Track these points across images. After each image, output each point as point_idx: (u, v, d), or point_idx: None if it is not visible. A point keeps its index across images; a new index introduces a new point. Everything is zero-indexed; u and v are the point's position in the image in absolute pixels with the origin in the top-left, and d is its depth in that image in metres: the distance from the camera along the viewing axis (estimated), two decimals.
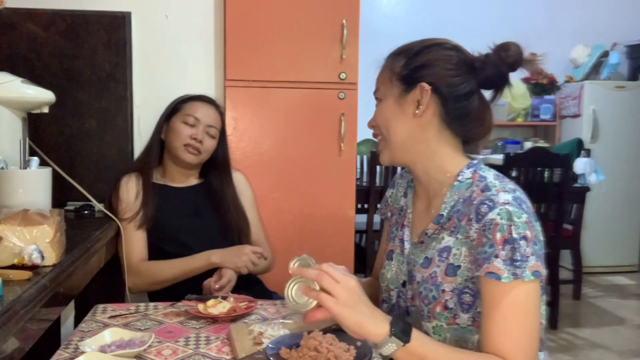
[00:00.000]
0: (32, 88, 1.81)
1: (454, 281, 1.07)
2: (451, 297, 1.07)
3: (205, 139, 1.86)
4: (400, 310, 1.19)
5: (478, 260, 1.02)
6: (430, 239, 1.15)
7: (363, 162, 4.17)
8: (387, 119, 1.15)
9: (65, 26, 2.14)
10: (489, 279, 1.00)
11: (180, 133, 1.84)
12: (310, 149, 2.35)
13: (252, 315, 1.35)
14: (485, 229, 1.02)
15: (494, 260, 0.99)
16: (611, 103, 4.74)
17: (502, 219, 1.00)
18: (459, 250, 1.08)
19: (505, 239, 0.99)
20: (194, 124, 1.85)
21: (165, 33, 2.34)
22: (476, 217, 1.04)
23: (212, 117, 1.89)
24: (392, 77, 1.15)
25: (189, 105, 1.89)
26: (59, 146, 2.13)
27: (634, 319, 3.72)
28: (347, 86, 2.35)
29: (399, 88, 1.14)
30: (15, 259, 1.25)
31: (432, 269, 1.11)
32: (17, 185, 1.59)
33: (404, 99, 1.13)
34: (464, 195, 1.10)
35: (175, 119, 1.88)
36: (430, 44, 1.15)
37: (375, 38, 4.65)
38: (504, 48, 1.09)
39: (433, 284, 1.10)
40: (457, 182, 1.13)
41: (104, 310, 1.39)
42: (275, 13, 2.29)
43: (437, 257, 1.11)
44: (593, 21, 5.08)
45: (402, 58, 1.15)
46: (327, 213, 2.38)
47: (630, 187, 4.79)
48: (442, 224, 1.12)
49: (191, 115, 1.85)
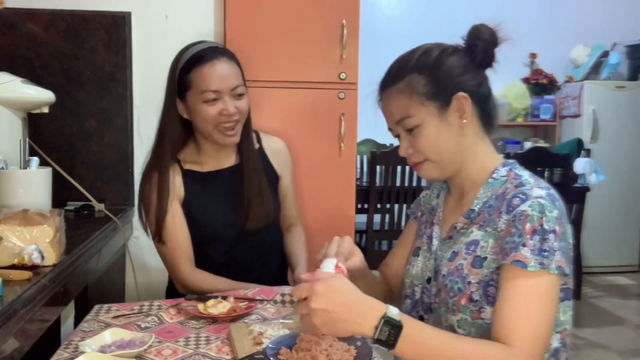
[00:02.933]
0: (32, 88, 1.81)
1: (480, 273, 1.06)
2: (477, 289, 1.06)
3: (236, 104, 1.55)
4: (423, 307, 1.19)
5: (505, 250, 1.02)
6: (459, 233, 1.14)
7: (363, 162, 4.18)
8: (435, 141, 1.12)
9: (65, 26, 2.14)
10: (514, 267, 0.99)
11: (207, 116, 1.53)
12: (310, 149, 2.35)
13: (252, 315, 1.35)
14: (515, 220, 1.02)
15: (522, 249, 0.99)
16: (611, 103, 4.75)
17: (533, 210, 1.01)
18: (487, 243, 1.07)
19: (535, 229, 1.00)
20: (216, 98, 1.52)
21: (165, 33, 2.33)
22: (507, 209, 1.05)
23: (231, 75, 1.55)
24: (421, 99, 1.11)
25: (198, 75, 1.53)
26: (59, 146, 2.13)
27: (634, 319, 3.72)
28: (347, 86, 2.35)
29: (436, 106, 1.11)
30: (15, 259, 1.25)
31: (459, 261, 1.10)
32: (17, 185, 1.59)
33: (445, 114, 1.11)
34: (497, 192, 1.10)
35: (191, 98, 1.55)
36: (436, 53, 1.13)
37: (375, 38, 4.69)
38: (479, 30, 1.14)
39: (459, 276, 1.09)
40: (491, 179, 1.13)
41: (105, 310, 1.39)
42: (275, 13, 2.29)
43: (464, 250, 1.10)
44: (593, 21, 5.08)
45: (419, 77, 1.11)
46: (327, 213, 2.38)
47: (630, 187, 4.79)
48: (472, 218, 1.12)
49: (208, 90, 1.51)
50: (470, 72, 1.13)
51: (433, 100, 1.11)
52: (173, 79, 1.58)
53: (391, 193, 3.40)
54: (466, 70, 1.13)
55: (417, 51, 1.15)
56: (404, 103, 1.12)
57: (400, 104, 1.13)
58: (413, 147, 1.14)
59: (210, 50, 1.56)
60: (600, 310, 3.86)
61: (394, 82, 1.14)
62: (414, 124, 1.12)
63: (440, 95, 1.11)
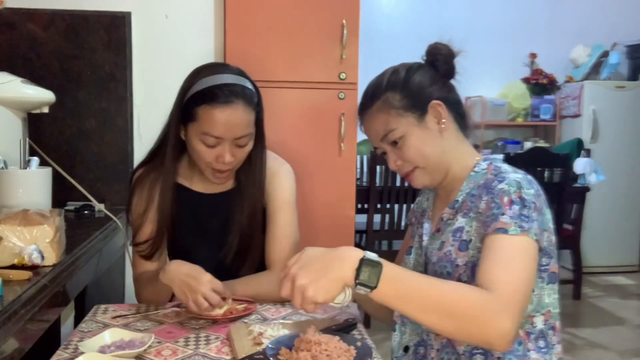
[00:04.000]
0: (32, 88, 1.81)
1: (466, 255, 1.12)
2: (464, 271, 1.12)
3: (235, 152, 1.41)
4: None
5: (486, 222, 1.08)
6: (445, 224, 1.21)
7: (363, 162, 4.17)
8: (420, 149, 1.19)
9: (65, 26, 2.14)
10: (497, 235, 1.04)
11: (201, 155, 1.41)
12: (310, 149, 2.35)
13: (252, 315, 1.35)
14: (494, 197, 1.09)
15: (501, 217, 1.05)
16: (611, 103, 4.74)
17: (510, 186, 1.08)
18: (471, 227, 1.14)
19: (512, 200, 1.07)
20: (215, 145, 1.39)
21: (165, 33, 2.34)
22: (486, 191, 1.12)
23: (240, 125, 1.39)
24: (400, 112, 1.19)
25: (205, 114, 1.37)
26: (59, 146, 2.13)
27: (634, 319, 3.72)
28: (347, 86, 2.35)
29: (414, 116, 1.20)
30: (15, 259, 1.25)
31: (447, 248, 1.16)
32: (17, 185, 1.59)
33: (424, 122, 1.20)
34: (479, 183, 1.17)
35: (191, 130, 1.41)
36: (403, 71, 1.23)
37: (375, 38, 4.70)
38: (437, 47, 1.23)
39: (447, 260, 1.15)
40: (472, 173, 1.20)
41: (104, 310, 1.39)
42: (275, 13, 2.29)
43: (451, 238, 1.17)
44: (593, 21, 5.08)
45: (393, 94, 1.20)
46: (327, 213, 2.38)
47: (630, 187, 4.79)
48: (456, 208, 1.19)
49: (209, 134, 1.37)
50: (437, 83, 1.22)
51: (410, 111, 1.19)
52: (181, 100, 1.44)
53: (391, 193, 3.40)
54: (434, 81, 1.22)
55: (385, 74, 1.24)
56: (384, 119, 1.21)
57: (381, 120, 1.21)
58: (401, 158, 1.22)
59: (228, 92, 1.37)
60: (600, 310, 3.86)
61: (372, 103, 1.23)
62: (398, 136, 1.19)
63: (416, 106, 1.19)
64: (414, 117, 1.19)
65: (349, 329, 1.24)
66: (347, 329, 1.23)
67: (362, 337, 1.18)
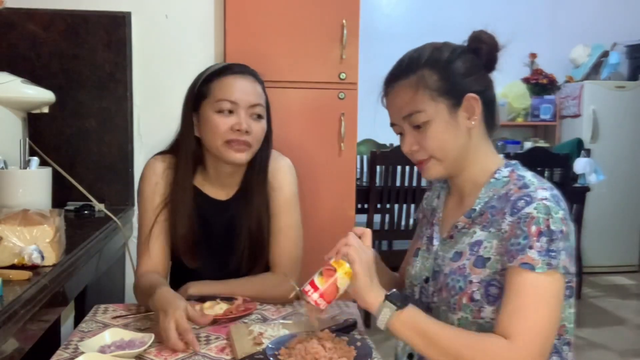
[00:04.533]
0: (32, 88, 1.81)
1: (482, 273, 1.07)
2: (478, 289, 1.06)
3: (251, 124, 1.40)
4: (422, 307, 1.16)
5: (511, 252, 1.01)
6: (460, 233, 1.14)
7: (363, 162, 4.17)
8: (443, 140, 1.10)
9: (65, 26, 2.14)
10: (522, 270, 0.99)
11: (217, 127, 1.38)
12: (310, 149, 2.35)
13: (252, 315, 1.35)
14: (520, 222, 1.02)
15: (529, 251, 0.99)
16: (611, 103, 4.74)
17: (539, 212, 1.01)
18: (490, 243, 1.07)
19: (541, 231, 1.00)
20: (232, 110, 1.39)
21: (165, 33, 2.33)
22: (511, 211, 1.04)
23: (253, 93, 1.42)
24: (433, 95, 1.09)
25: (218, 84, 1.41)
26: (59, 146, 2.13)
27: (634, 319, 3.72)
28: (347, 86, 2.35)
29: (447, 103, 1.09)
30: (15, 259, 1.25)
31: (462, 261, 1.10)
32: (17, 185, 1.59)
33: (456, 113, 1.10)
34: (500, 192, 1.10)
35: (205, 107, 1.41)
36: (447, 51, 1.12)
37: (375, 38, 4.69)
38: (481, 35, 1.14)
39: (461, 275, 1.09)
40: (493, 180, 1.13)
41: (104, 310, 1.39)
42: (275, 13, 2.29)
43: (468, 251, 1.10)
44: (593, 21, 5.08)
45: (431, 73, 1.10)
46: (327, 213, 2.38)
47: (630, 187, 4.79)
48: (473, 218, 1.12)
49: (225, 99, 1.38)
50: (478, 74, 1.13)
51: (444, 97, 1.09)
52: (192, 91, 1.46)
53: (391, 193, 3.39)
54: (475, 71, 1.13)
55: (426, 48, 1.14)
56: (413, 97, 1.10)
57: (410, 97, 1.10)
58: (419, 143, 1.12)
59: (239, 66, 1.46)
60: (600, 310, 3.86)
61: (405, 75, 1.12)
62: (423, 120, 1.09)
63: (451, 93, 1.09)
64: (445, 105, 1.09)
65: (349, 329, 1.24)
66: (347, 329, 1.23)
67: (362, 337, 1.18)
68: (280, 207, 1.50)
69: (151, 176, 1.49)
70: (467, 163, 1.14)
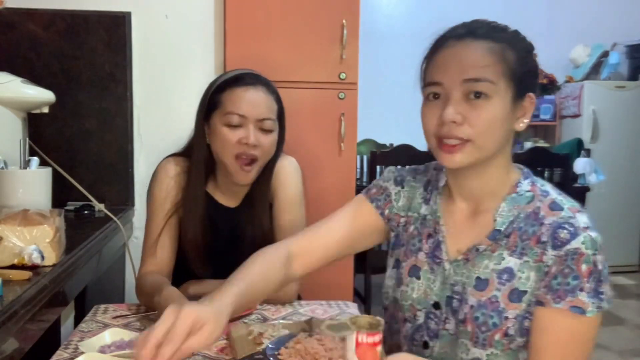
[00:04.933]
0: (32, 88, 1.81)
1: (518, 307, 0.98)
2: (513, 324, 0.98)
3: (260, 138, 1.40)
4: (429, 332, 1.07)
5: (558, 292, 0.94)
6: (481, 255, 1.02)
7: (363, 162, 4.17)
8: (494, 123, 0.96)
9: (65, 26, 2.14)
10: (571, 314, 0.93)
11: (225, 140, 1.39)
12: (310, 149, 2.35)
13: (252, 315, 1.35)
14: (567, 258, 0.94)
15: (579, 293, 0.93)
16: (611, 103, 4.75)
17: (587, 248, 0.93)
18: (524, 274, 0.98)
19: (591, 270, 0.93)
20: (240, 124, 1.39)
21: (165, 33, 2.34)
22: (552, 242, 0.95)
23: (264, 106, 1.42)
24: (507, 74, 0.96)
25: (228, 96, 1.40)
26: (59, 146, 2.13)
27: (633, 319, 3.72)
28: (347, 86, 2.35)
29: (512, 91, 0.97)
30: (15, 259, 1.25)
31: (491, 292, 0.99)
32: (17, 185, 1.59)
33: (515, 106, 0.98)
34: (525, 211, 1.01)
35: (215, 118, 1.42)
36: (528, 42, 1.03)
37: (375, 38, 4.69)
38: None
39: (494, 310, 0.99)
40: (514, 194, 1.02)
41: (104, 310, 1.38)
42: (275, 13, 2.29)
43: (496, 279, 1.00)
44: (593, 21, 5.08)
45: (511, 52, 0.97)
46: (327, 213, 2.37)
47: (630, 187, 4.79)
48: (497, 240, 1.01)
49: (233, 112, 1.38)
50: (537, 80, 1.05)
51: (515, 83, 0.97)
52: (204, 100, 1.46)
53: None
54: (537, 76, 1.05)
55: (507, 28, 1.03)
56: (490, 64, 0.95)
57: (485, 62, 0.95)
58: (465, 117, 0.95)
59: (252, 76, 1.44)
60: None
61: (485, 37, 0.98)
62: (487, 91, 0.95)
63: (521, 84, 0.98)
64: (512, 92, 0.97)
65: None
66: None
67: None
68: (284, 205, 1.51)
69: (164, 179, 1.48)
70: (493, 165, 1.02)
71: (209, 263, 1.48)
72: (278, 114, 1.47)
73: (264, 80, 1.45)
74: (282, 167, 1.53)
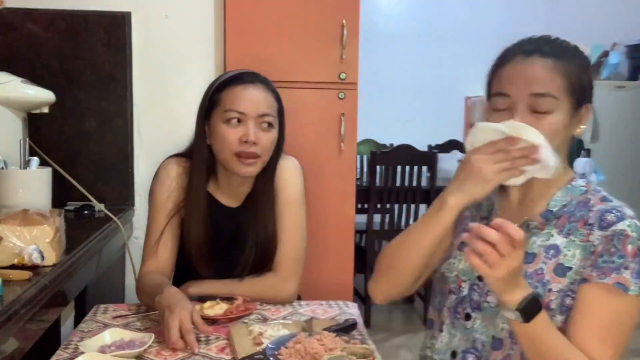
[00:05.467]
0: (32, 88, 1.81)
1: (561, 282, 1.04)
2: (555, 298, 1.04)
3: (260, 135, 1.41)
4: (472, 304, 1.13)
5: (603, 269, 1.00)
6: (531, 232, 1.09)
7: (363, 162, 4.17)
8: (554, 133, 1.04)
9: (65, 26, 2.14)
10: (615, 288, 0.99)
11: (225, 138, 1.39)
12: (310, 149, 2.35)
13: (252, 315, 1.35)
14: (613, 238, 1.01)
15: (624, 271, 0.99)
16: (611, 103, 4.74)
17: (633, 231, 1.00)
18: (571, 252, 1.05)
19: (636, 252, 0.99)
20: (240, 120, 1.40)
21: (165, 33, 2.33)
22: (599, 223, 1.03)
23: (263, 103, 1.43)
24: (568, 89, 1.06)
25: (227, 94, 1.42)
26: (59, 146, 2.13)
27: None
28: (347, 86, 2.35)
29: (571, 103, 1.07)
30: (15, 259, 1.25)
31: (538, 264, 1.06)
32: (17, 185, 1.59)
33: (573, 117, 1.09)
34: (578, 199, 1.09)
35: (214, 117, 1.43)
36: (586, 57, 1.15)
37: (375, 38, 4.69)
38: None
39: (539, 280, 1.05)
40: (569, 186, 1.11)
41: (104, 310, 1.39)
42: (275, 13, 2.29)
43: (543, 254, 1.07)
44: (593, 21, 5.08)
45: (573, 67, 1.08)
46: (327, 213, 2.38)
47: (630, 187, 4.79)
48: (549, 219, 1.09)
49: (232, 109, 1.39)
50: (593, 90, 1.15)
51: (574, 95, 1.08)
52: (204, 100, 1.47)
53: (391, 193, 3.39)
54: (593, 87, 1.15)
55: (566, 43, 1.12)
56: (554, 81, 1.05)
57: (550, 79, 1.05)
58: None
59: (250, 74, 1.46)
60: None
61: (552, 55, 1.07)
62: (550, 108, 1.04)
63: (579, 95, 1.09)
64: (570, 104, 1.07)
65: (349, 329, 1.24)
66: (347, 329, 1.24)
67: (362, 337, 1.18)
68: (285, 206, 1.51)
69: (165, 179, 1.49)
70: None
71: (212, 263, 1.49)
72: (277, 112, 1.48)
73: (262, 78, 1.47)
74: (283, 167, 1.53)
